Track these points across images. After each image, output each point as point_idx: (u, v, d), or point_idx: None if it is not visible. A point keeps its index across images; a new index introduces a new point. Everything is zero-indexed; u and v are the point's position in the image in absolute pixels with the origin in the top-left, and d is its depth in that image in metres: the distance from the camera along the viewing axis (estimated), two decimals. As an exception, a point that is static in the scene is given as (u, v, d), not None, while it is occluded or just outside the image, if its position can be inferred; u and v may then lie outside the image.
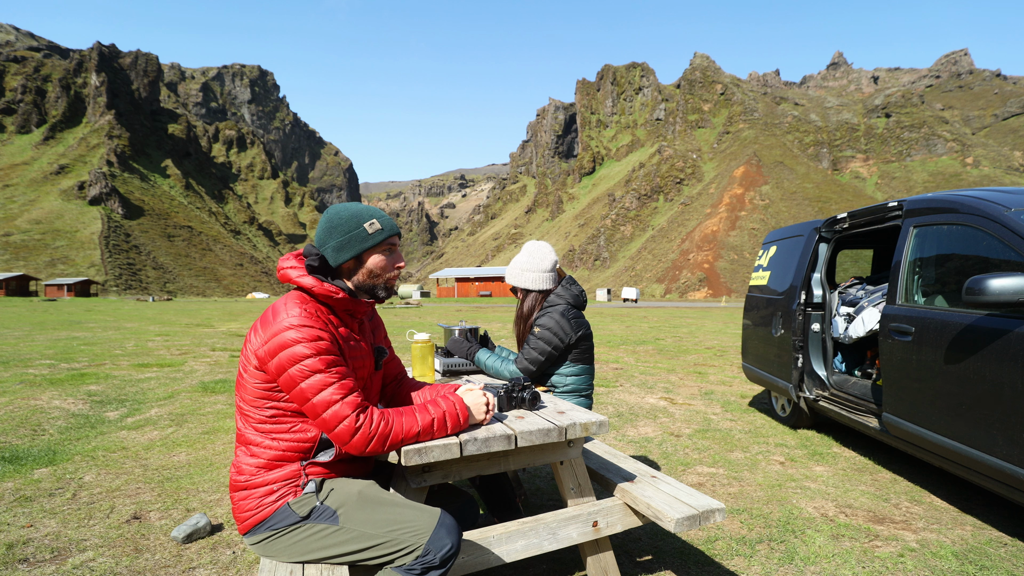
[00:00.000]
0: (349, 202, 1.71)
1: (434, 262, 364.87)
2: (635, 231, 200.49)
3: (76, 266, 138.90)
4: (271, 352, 1.50)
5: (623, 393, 6.40)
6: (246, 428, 1.60)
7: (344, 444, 1.53)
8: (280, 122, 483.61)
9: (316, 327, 1.53)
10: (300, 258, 1.65)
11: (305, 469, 1.59)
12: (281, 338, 1.49)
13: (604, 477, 2.18)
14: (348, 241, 1.63)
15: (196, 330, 16.07)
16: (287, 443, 1.57)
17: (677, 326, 19.10)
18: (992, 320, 2.56)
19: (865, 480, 3.55)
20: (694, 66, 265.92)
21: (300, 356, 1.48)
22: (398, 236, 1.70)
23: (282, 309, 1.55)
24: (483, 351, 2.75)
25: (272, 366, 1.50)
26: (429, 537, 1.44)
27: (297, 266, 1.63)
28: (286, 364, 1.49)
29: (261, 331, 1.54)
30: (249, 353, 1.56)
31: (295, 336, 1.49)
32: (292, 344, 1.48)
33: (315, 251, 1.65)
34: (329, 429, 1.52)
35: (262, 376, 1.53)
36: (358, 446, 1.52)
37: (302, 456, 1.59)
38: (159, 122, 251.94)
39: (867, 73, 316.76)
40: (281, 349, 1.49)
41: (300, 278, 1.60)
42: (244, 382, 1.57)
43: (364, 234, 1.63)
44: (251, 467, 1.58)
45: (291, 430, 1.57)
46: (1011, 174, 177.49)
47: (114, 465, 3.65)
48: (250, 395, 1.56)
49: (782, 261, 5.02)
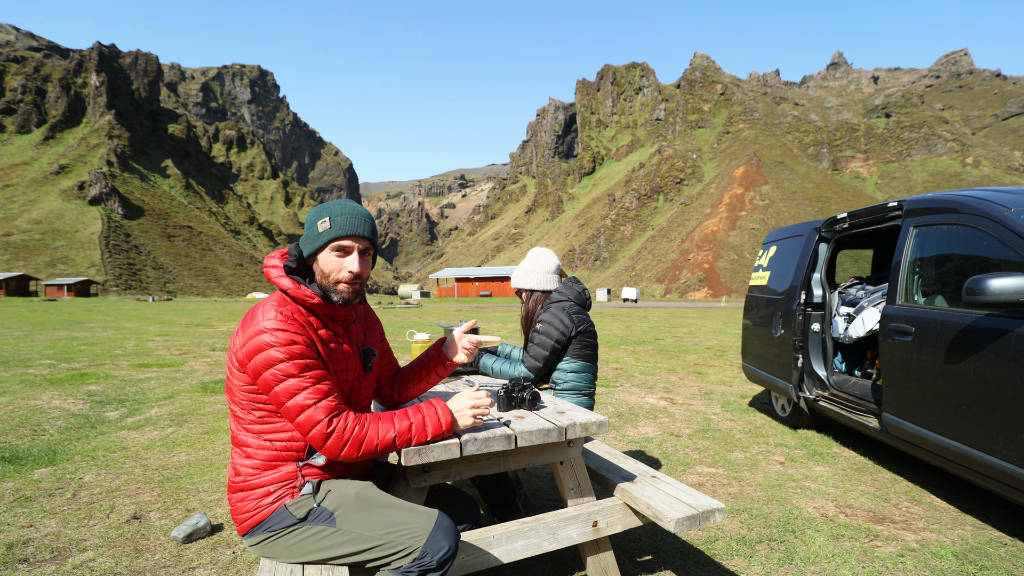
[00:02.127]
0: (345, 199, 1.67)
1: (434, 262, 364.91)
2: (635, 231, 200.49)
3: (76, 266, 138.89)
4: (248, 355, 1.49)
5: (623, 393, 6.40)
6: (239, 430, 1.59)
7: (319, 448, 1.52)
8: (280, 122, 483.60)
9: (291, 331, 1.50)
10: (284, 257, 1.63)
11: (302, 471, 1.58)
12: (256, 341, 1.48)
13: (604, 477, 2.18)
14: (306, 238, 1.60)
15: (196, 330, 16.07)
16: (281, 443, 1.57)
17: (677, 326, 19.10)
18: (992, 320, 2.56)
19: (865, 480, 3.54)
20: (694, 66, 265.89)
21: (273, 360, 1.47)
22: (355, 238, 1.58)
23: (260, 311, 1.53)
24: (487, 356, 2.74)
25: (250, 368, 1.50)
26: (426, 539, 1.44)
27: (278, 265, 1.61)
28: (261, 368, 1.48)
29: (241, 333, 1.53)
30: (231, 355, 1.55)
31: (269, 340, 1.48)
32: (266, 348, 1.47)
33: (296, 251, 1.63)
34: (304, 433, 1.51)
35: (244, 378, 1.53)
36: (332, 450, 1.51)
37: (297, 457, 1.59)
38: (159, 122, 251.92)
39: (867, 73, 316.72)
40: (257, 352, 1.48)
41: (279, 279, 1.58)
42: (232, 384, 1.57)
43: (316, 232, 1.57)
44: (247, 468, 1.57)
45: (282, 430, 1.57)
46: (1011, 174, 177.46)
47: (114, 465, 3.65)
48: (238, 396, 1.56)
49: (782, 261, 5.02)
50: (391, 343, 12.15)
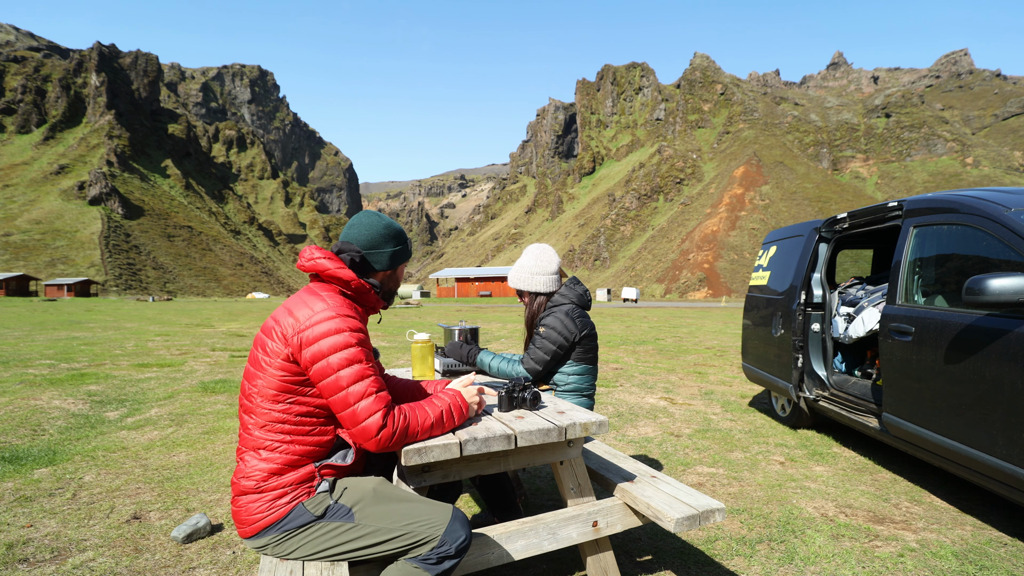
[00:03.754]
0: (385, 215, 1.83)
1: (434, 262, 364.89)
2: (635, 231, 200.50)
3: (76, 266, 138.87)
4: (310, 339, 1.50)
5: (623, 393, 6.40)
6: (258, 430, 1.57)
7: (368, 439, 1.54)
8: (280, 122, 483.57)
9: (356, 317, 1.59)
10: (329, 253, 1.67)
11: (320, 471, 1.60)
12: (324, 326, 1.51)
13: (604, 477, 2.18)
14: (401, 251, 1.79)
15: (196, 330, 16.07)
16: (304, 447, 1.58)
17: (677, 326, 19.10)
18: (992, 320, 2.56)
19: (865, 480, 3.55)
20: (694, 66, 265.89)
21: (343, 344, 1.51)
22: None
23: (318, 298, 1.57)
24: (485, 352, 2.73)
25: (308, 354, 1.50)
26: (445, 529, 1.49)
27: (334, 258, 1.66)
28: (327, 351, 1.50)
29: (294, 317, 1.54)
30: (276, 344, 1.54)
31: (339, 325, 1.52)
32: (336, 332, 1.51)
33: (354, 249, 1.70)
34: (357, 422, 1.53)
35: (291, 368, 1.53)
36: (383, 441, 1.54)
37: (317, 457, 1.61)
38: (159, 122, 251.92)
39: (867, 73, 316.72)
40: (323, 337, 1.50)
41: (339, 270, 1.63)
42: (263, 378, 1.55)
43: (408, 250, 1.82)
44: (263, 472, 1.56)
45: (310, 433, 1.58)
46: (1011, 174, 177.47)
47: (114, 465, 3.65)
48: (271, 390, 1.54)
49: (782, 261, 5.02)
50: (391, 343, 12.17)
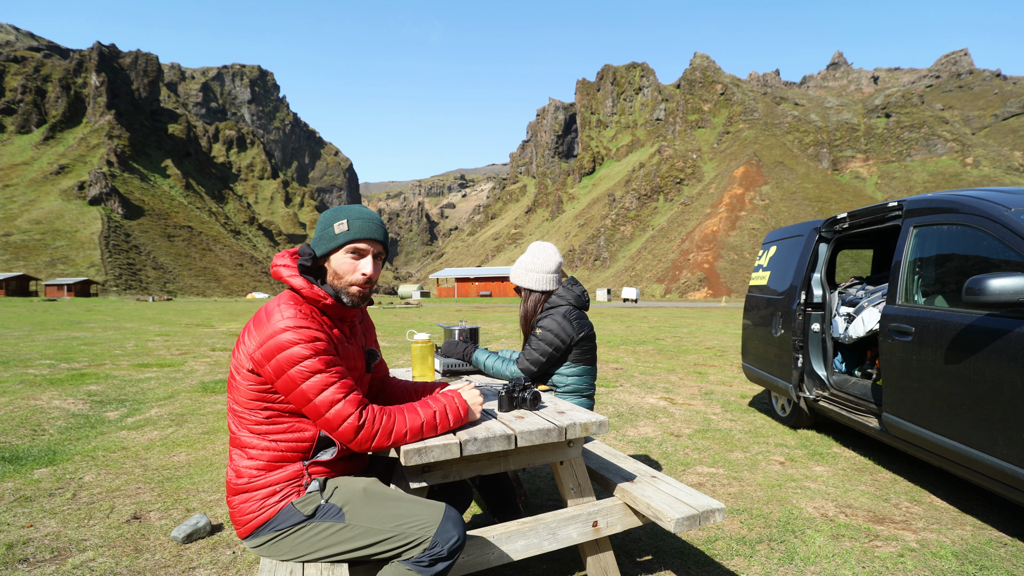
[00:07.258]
0: (357, 204, 1.71)
1: (434, 262, 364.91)
2: (635, 231, 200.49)
3: (76, 266, 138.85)
4: (267, 354, 1.48)
5: (623, 393, 6.40)
6: (240, 431, 1.58)
7: (348, 441, 1.53)
8: (280, 122, 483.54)
9: (312, 327, 1.52)
10: (295, 256, 1.64)
11: (308, 468, 1.59)
12: (278, 340, 1.48)
13: (604, 477, 2.18)
14: (319, 239, 1.63)
15: (196, 330, 16.07)
16: (285, 444, 1.57)
17: (677, 326, 19.09)
18: (992, 320, 2.56)
19: (865, 480, 3.54)
20: (694, 66, 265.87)
21: (299, 357, 1.47)
22: (371, 242, 1.62)
23: (276, 310, 1.53)
24: (480, 351, 2.74)
25: (269, 368, 1.49)
26: (436, 529, 1.46)
27: (290, 265, 1.62)
28: (285, 365, 1.47)
29: (255, 333, 1.52)
30: (242, 356, 1.54)
31: (292, 337, 1.48)
32: (290, 345, 1.47)
33: (309, 250, 1.64)
34: (332, 428, 1.52)
35: (256, 379, 1.52)
36: (363, 442, 1.53)
37: (302, 456, 1.59)
38: (159, 122, 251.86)
39: (867, 73, 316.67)
40: (278, 351, 1.47)
41: (291, 278, 1.59)
42: (237, 385, 1.56)
43: (331, 234, 1.60)
44: (250, 469, 1.56)
45: (288, 430, 1.57)
46: (1011, 174, 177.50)
47: (114, 465, 3.65)
48: (244, 398, 1.55)
49: (782, 261, 5.02)
50: (391, 343, 12.16)
